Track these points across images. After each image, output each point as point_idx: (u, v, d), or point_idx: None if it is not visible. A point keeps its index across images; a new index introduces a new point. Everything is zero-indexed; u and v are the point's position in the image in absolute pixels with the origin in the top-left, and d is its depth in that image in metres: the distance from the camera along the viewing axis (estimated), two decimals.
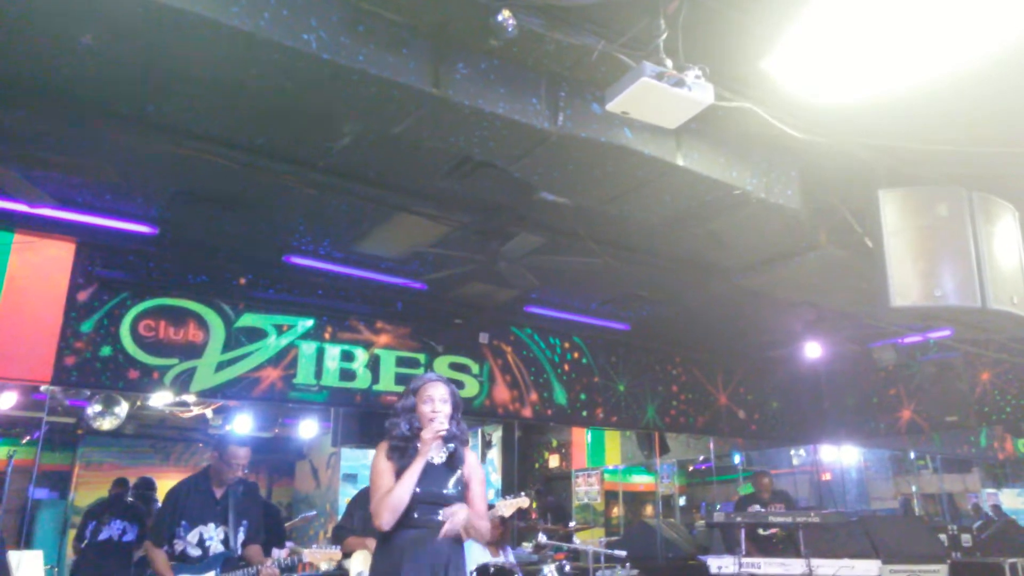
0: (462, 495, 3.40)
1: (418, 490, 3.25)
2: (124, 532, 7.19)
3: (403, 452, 3.38)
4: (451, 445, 3.43)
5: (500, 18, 3.08)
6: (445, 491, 3.33)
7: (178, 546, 4.67)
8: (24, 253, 5.49)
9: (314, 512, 11.10)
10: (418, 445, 3.34)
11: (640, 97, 3.14)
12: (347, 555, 5.21)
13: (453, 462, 3.43)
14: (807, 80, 3.71)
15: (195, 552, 4.69)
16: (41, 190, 4.67)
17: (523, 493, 5.40)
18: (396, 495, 3.22)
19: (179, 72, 3.58)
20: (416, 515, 3.25)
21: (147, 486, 8.39)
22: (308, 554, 4.93)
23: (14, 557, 5.16)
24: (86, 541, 7.23)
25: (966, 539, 7.55)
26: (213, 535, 4.76)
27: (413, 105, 3.55)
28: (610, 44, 3.36)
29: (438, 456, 3.40)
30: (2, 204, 5.02)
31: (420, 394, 3.46)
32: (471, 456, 3.52)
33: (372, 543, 5.16)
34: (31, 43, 3.47)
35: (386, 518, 3.22)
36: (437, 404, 3.40)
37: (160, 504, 4.87)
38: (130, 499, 7.78)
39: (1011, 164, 4.39)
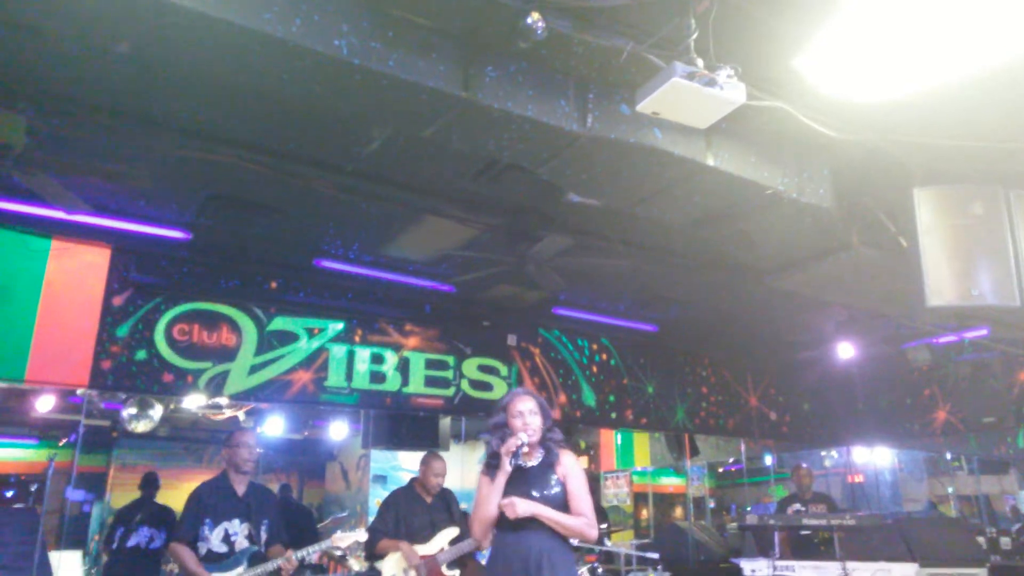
0: (561, 495, 3.49)
1: (508, 495, 3.41)
2: (152, 539, 7.23)
3: (496, 467, 3.53)
4: (544, 449, 3.56)
5: (529, 21, 3.08)
6: (536, 493, 3.45)
7: (202, 548, 4.70)
8: (61, 259, 5.58)
9: (345, 513, 11.18)
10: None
11: (671, 97, 3.13)
12: (380, 556, 5.24)
13: (547, 464, 3.55)
14: (840, 78, 3.67)
15: (221, 549, 4.72)
16: (77, 197, 4.75)
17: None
18: (479, 510, 3.48)
19: (212, 78, 3.63)
20: (509, 519, 3.40)
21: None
22: (335, 539, 5.00)
23: (55, 557, 5.25)
24: (115, 545, 7.31)
25: (1005, 542, 7.41)
26: (238, 531, 4.80)
27: (442, 108, 3.57)
28: (639, 45, 3.34)
29: (533, 460, 3.54)
30: (40, 211, 5.11)
31: (510, 409, 3.60)
32: (566, 457, 3.61)
33: (405, 545, 5.21)
34: (68, 52, 3.54)
35: (476, 531, 3.53)
36: (528, 417, 3.55)
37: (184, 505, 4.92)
38: (161, 501, 7.83)
39: None
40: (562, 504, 3.47)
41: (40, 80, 3.82)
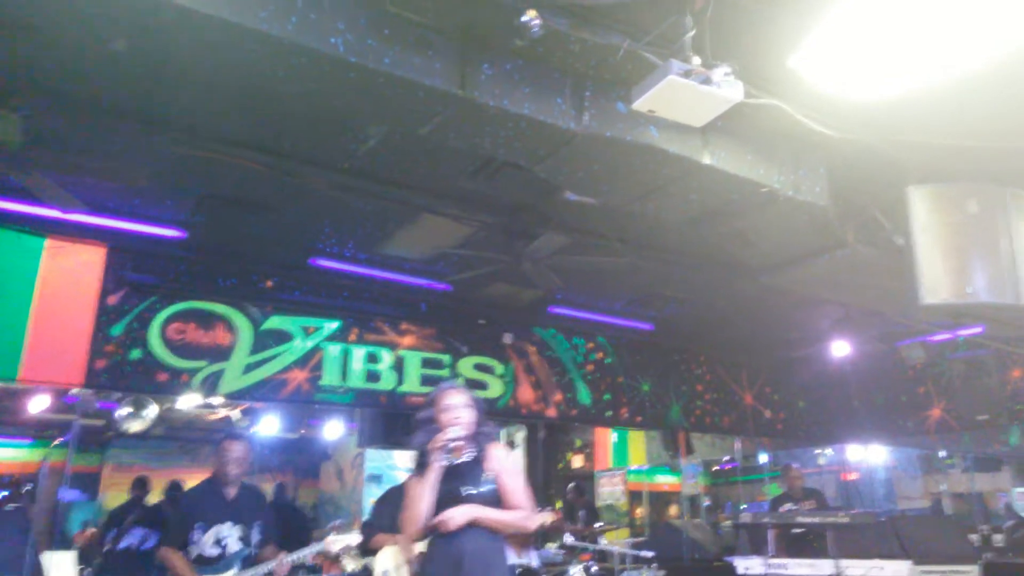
0: (494, 491, 3.38)
1: (439, 493, 3.29)
2: (144, 540, 7.18)
3: (424, 464, 3.39)
4: (475, 444, 3.43)
5: (525, 18, 3.08)
6: (467, 490, 3.33)
7: (193, 551, 4.62)
8: (56, 258, 5.56)
9: (341, 521, 11.15)
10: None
11: (667, 95, 3.13)
12: (374, 552, 5.22)
13: (479, 460, 3.42)
14: (836, 76, 3.67)
15: (213, 552, 4.64)
16: (73, 195, 4.73)
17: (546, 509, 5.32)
18: (409, 513, 3.33)
19: (207, 77, 3.62)
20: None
21: (176, 488, 8.44)
22: (328, 542, 4.95)
23: (47, 558, 5.22)
24: (107, 547, 7.28)
25: (998, 539, 7.45)
26: (230, 534, 4.73)
27: (439, 106, 3.56)
28: (636, 43, 3.34)
29: (466, 456, 3.39)
30: (34, 210, 5.10)
31: (438, 404, 3.47)
32: (496, 450, 3.48)
33: (402, 539, 5.20)
34: (64, 50, 3.53)
35: (409, 532, 3.37)
36: (458, 411, 3.42)
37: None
38: (153, 502, 7.80)
39: None
40: (495, 500, 3.36)
41: (35, 78, 3.81)
